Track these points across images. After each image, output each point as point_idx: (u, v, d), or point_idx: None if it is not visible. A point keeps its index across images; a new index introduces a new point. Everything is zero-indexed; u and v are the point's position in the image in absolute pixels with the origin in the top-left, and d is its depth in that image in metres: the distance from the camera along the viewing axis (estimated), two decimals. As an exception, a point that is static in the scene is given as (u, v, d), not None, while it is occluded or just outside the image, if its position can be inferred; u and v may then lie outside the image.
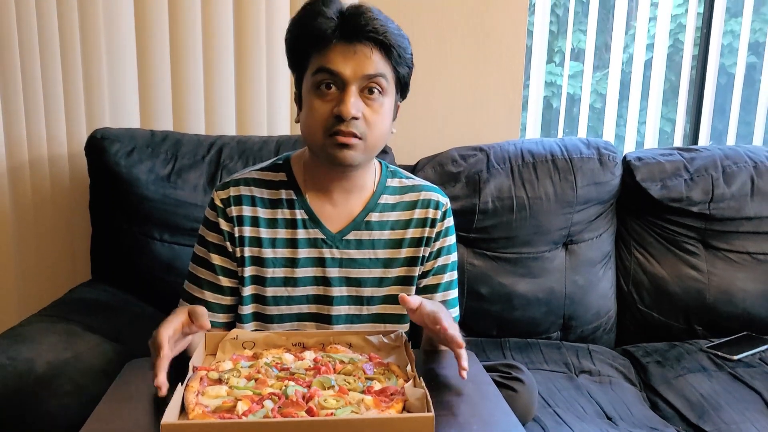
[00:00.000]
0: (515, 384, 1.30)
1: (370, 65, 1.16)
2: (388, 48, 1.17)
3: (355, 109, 1.15)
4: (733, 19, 3.08)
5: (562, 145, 1.95)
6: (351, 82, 1.16)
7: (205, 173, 1.78)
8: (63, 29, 1.86)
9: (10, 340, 1.40)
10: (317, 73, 1.17)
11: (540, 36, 2.44)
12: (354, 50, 1.15)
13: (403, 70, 1.21)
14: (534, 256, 1.90)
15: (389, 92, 1.20)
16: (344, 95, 1.15)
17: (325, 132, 1.17)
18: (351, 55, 1.15)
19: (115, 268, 1.82)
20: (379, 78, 1.17)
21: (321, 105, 1.17)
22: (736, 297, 1.93)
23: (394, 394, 0.94)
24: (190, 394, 0.93)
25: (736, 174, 1.96)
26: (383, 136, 1.22)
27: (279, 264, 1.28)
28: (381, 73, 1.17)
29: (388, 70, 1.19)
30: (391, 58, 1.18)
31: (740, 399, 1.57)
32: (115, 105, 1.94)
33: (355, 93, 1.16)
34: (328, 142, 1.18)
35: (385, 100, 1.20)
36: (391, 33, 1.17)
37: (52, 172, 1.93)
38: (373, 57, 1.16)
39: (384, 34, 1.16)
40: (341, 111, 1.15)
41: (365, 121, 1.17)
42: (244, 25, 1.95)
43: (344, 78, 1.15)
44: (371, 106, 1.18)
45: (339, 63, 1.15)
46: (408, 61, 1.22)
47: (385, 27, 1.16)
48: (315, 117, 1.18)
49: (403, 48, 1.19)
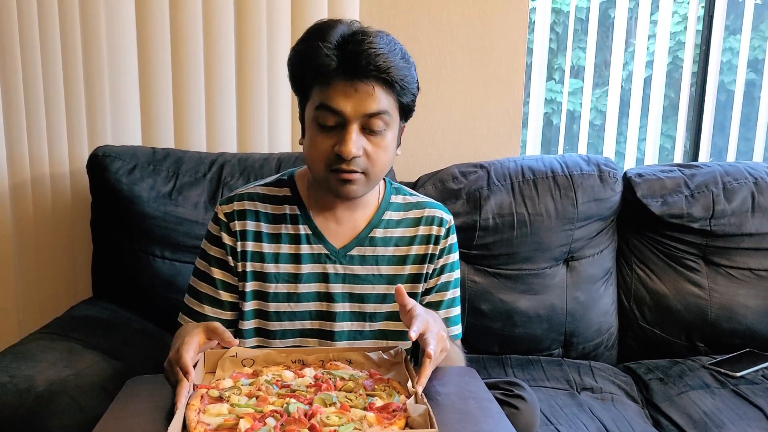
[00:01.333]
0: (517, 401, 1.29)
1: (372, 103, 1.13)
2: (391, 84, 1.14)
3: (356, 149, 1.14)
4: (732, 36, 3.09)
5: (563, 162, 1.96)
6: (352, 120, 1.14)
7: (207, 191, 1.78)
8: (65, 48, 1.87)
9: (11, 357, 1.40)
10: (318, 108, 1.15)
11: (540, 53, 2.46)
12: (355, 89, 1.12)
13: (407, 99, 1.19)
14: (535, 272, 1.90)
15: (392, 125, 1.19)
16: (345, 135, 1.14)
17: (327, 167, 1.17)
18: (352, 93, 1.13)
19: (116, 285, 1.82)
20: (381, 115, 1.15)
21: (323, 140, 1.16)
22: (738, 313, 1.93)
23: (396, 411, 0.94)
24: (192, 412, 0.93)
25: (737, 190, 1.96)
26: (386, 167, 1.22)
27: (282, 279, 1.28)
28: (383, 110, 1.15)
29: (391, 102, 1.16)
30: (394, 91, 1.15)
31: (743, 416, 1.56)
32: (117, 123, 1.95)
33: (357, 131, 1.15)
34: (330, 176, 1.18)
35: (387, 134, 1.18)
36: (395, 68, 1.13)
37: (53, 189, 1.94)
38: (375, 94, 1.13)
39: (387, 71, 1.12)
40: (342, 151, 1.14)
41: (367, 157, 1.17)
42: (246, 44, 1.97)
43: (345, 116, 1.14)
44: (373, 141, 1.17)
45: (340, 101, 1.13)
46: (412, 89, 1.19)
47: (387, 63, 1.12)
48: (317, 151, 1.17)
49: (407, 81, 1.16)
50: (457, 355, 1.30)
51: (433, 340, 1.05)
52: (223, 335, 1.07)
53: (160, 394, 1.03)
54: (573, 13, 2.83)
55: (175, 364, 1.02)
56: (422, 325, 1.05)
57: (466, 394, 1.06)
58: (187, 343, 1.04)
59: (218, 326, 1.08)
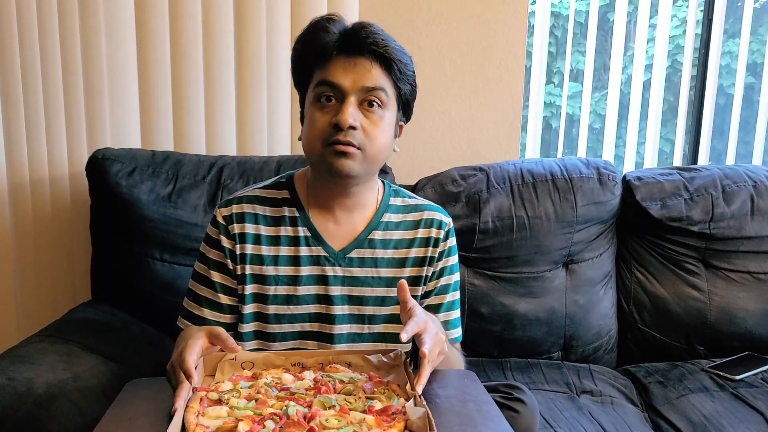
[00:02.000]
0: (516, 404, 1.29)
1: (370, 78, 1.18)
2: (389, 62, 1.19)
3: (352, 119, 1.16)
4: (731, 40, 3.10)
5: (562, 165, 1.96)
6: (350, 93, 1.17)
7: (206, 193, 1.78)
8: (65, 51, 1.88)
9: (10, 360, 1.39)
10: (318, 86, 1.19)
11: (539, 57, 2.46)
12: (354, 63, 1.18)
13: (405, 87, 1.23)
14: (534, 275, 1.90)
15: (389, 107, 1.21)
16: (343, 105, 1.17)
17: (324, 142, 1.18)
18: (351, 67, 1.18)
19: (116, 288, 1.82)
20: (378, 91, 1.19)
21: (320, 116, 1.19)
22: (738, 317, 1.93)
23: (396, 414, 0.94)
24: (191, 414, 0.93)
25: (736, 193, 1.96)
26: (383, 150, 1.23)
27: (281, 282, 1.28)
28: (380, 86, 1.19)
29: (389, 84, 1.20)
30: (392, 72, 1.20)
31: (742, 419, 1.56)
32: (116, 125, 1.95)
33: (354, 104, 1.18)
34: (326, 151, 1.18)
35: (385, 114, 1.21)
36: (392, 48, 1.19)
37: (53, 192, 1.94)
38: (373, 70, 1.18)
39: (384, 48, 1.18)
40: (339, 120, 1.16)
41: (364, 132, 1.18)
42: (245, 47, 1.97)
43: (343, 89, 1.17)
44: (370, 118, 1.19)
45: (339, 75, 1.17)
46: (410, 78, 1.23)
47: (386, 42, 1.19)
48: (314, 128, 1.19)
49: (404, 63, 1.21)
50: (456, 358, 1.30)
51: (429, 340, 1.05)
52: (226, 341, 1.08)
53: (158, 397, 1.03)
54: (572, 16, 2.83)
55: (178, 367, 1.03)
56: (417, 326, 1.05)
57: (466, 397, 1.06)
58: (190, 347, 1.05)
59: (222, 332, 1.09)
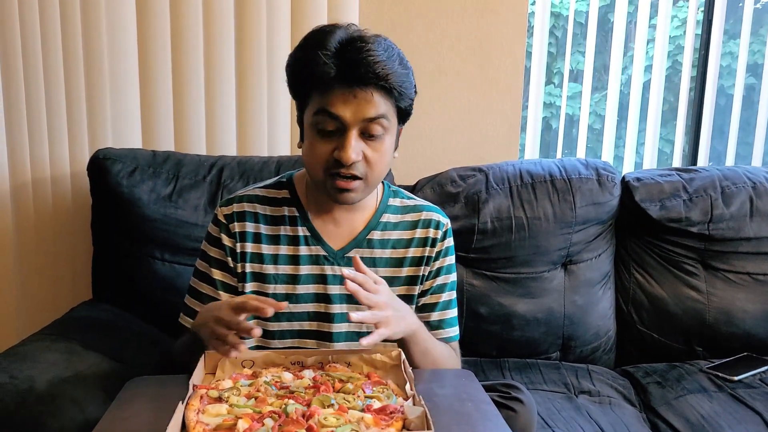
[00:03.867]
0: (514, 404, 1.29)
1: (371, 109, 1.14)
2: (389, 90, 1.15)
3: (355, 154, 1.15)
4: (731, 41, 3.11)
5: (561, 166, 1.96)
6: (351, 125, 1.15)
7: (206, 193, 1.79)
8: (66, 51, 1.88)
9: (12, 358, 1.40)
10: (317, 114, 1.16)
11: (539, 57, 2.46)
12: (354, 94, 1.13)
13: (405, 103, 1.20)
14: (533, 276, 1.91)
15: (391, 129, 1.20)
16: (344, 140, 1.15)
17: (325, 171, 1.18)
18: (351, 99, 1.13)
19: (116, 287, 1.82)
20: (380, 119, 1.16)
21: (321, 145, 1.17)
22: (736, 317, 1.93)
23: (394, 413, 0.94)
24: (191, 412, 0.94)
25: (735, 194, 1.97)
26: (384, 171, 1.23)
27: (281, 280, 1.29)
28: (382, 114, 1.16)
29: (390, 108, 1.18)
30: (393, 96, 1.16)
31: (741, 420, 1.57)
32: (118, 125, 1.96)
33: (356, 136, 1.16)
34: (329, 182, 1.19)
35: (386, 138, 1.19)
36: (393, 74, 1.13)
37: (54, 191, 1.94)
38: (374, 100, 1.14)
39: (385, 78, 1.13)
40: (341, 157, 1.15)
41: (366, 162, 1.18)
42: (246, 47, 1.98)
43: (345, 122, 1.14)
44: (372, 146, 1.18)
45: (339, 107, 1.14)
46: (410, 94, 1.20)
47: (386, 70, 1.12)
48: (316, 156, 1.18)
49: (405, 86, 1.17)
50: (448, 355, 1.32)
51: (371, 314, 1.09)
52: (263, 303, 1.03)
53: (159, 395, 1.04)
54: (572, 17, 2.83)
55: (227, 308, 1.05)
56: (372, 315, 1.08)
57: (464, 397, 1.07)
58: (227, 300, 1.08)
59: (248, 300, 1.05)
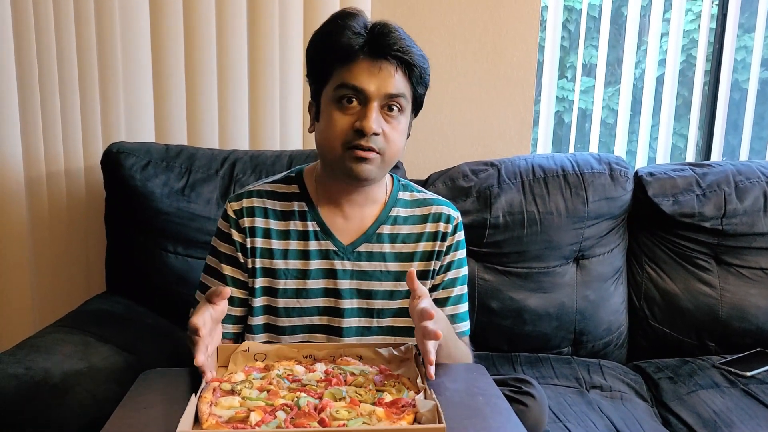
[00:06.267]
0: (526, 398, 1.29)
1: (393, 84, 1.18)
2: (412, 68, 1.19)
3: (376, 125, 1.17)
4: (746, 35, 3.08)
5: (574, 161, 1.96)
6: (374, 98, 1.18)
7: (219, 187, 1.80)
8: (80, 46, 1.89)
9: (27, 350, 1.42)
10: (340, 87, 1.19)
11: (551, 51, 2.45)
12: (379, 67, 1.17)
13: (421, 90, 1.24)
14: (545, 271, 1.90)
15: (407, 111, 1.23)
16: (367, 111, 1.17)
17: (344, 145, 1.19)
18: (376, 72, 1.17)
19: (130, 280, 1.84)
20: (399, 98, 1.20)
21: (341, 118, 1.19)
22: (749, 313, 1.92)
23: (405, 406, 0.95)
24: (204, 404, 0.94)
25: (749, 189, 1.95)
26: (399, 152, 1.24)
27: (291, 275, 1.29)
28: (402, 92, 1.20)
29: (408, 89, 1.21)
30: (413, 78, 1.21)
31: (753, 415, 1.56)
32: (131, 120, 1.97)
33: (377, 109, 1.18)
34: (346, 155, 1.19)
35: (402, 118, 1.22)
36: (416, 54, 1.20)
37: (68, 185, 1.96)
38: (396, 76, 1.18)
39: (409, 54, 1.19)
40: (363, 126, 1.16)
41: (384, 137, 1.19)
42: (258, 42, 1.98)
43: (368, 94, 1.17)
44: (390, 123, 1.20)
45: (364, 80, 1.17)
46: (426, 81, 1.25)
47: (410, 48, 1.19)
48: (335, 129, 1.19)
49: (425, 69, 1.22)
50: (462, 352, 1.31)
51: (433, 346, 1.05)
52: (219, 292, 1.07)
53: (172, 387, 1.05)
54: (585, 10, 2.82)
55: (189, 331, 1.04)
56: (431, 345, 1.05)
57: (475, 391, 1.07)
58: (195, 313, 1.07)
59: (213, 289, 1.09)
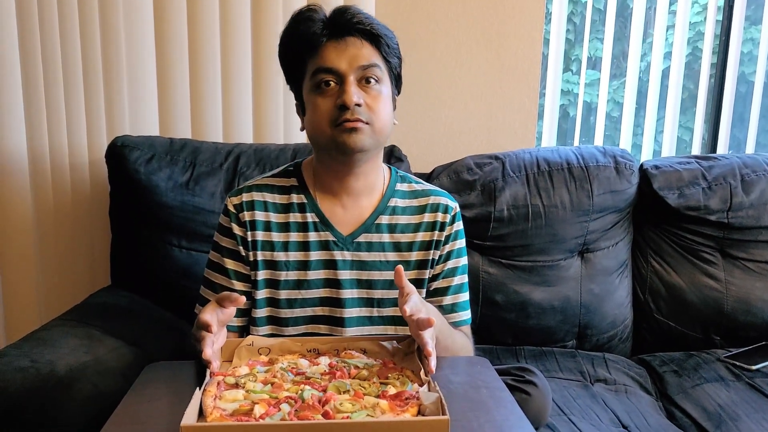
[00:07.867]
0: (528, 387, 1.30)
1: (362, 56, 1.22)
2: (377, 38, 1.24)
3: (356, 97, 1.20)
4: (753, 27, 3.05)
5: (579, 154, 1.95)
6: (348, 74, 1.21)
7: (223, 180, 1.80)
8: (84, 40, 1.89)
9: (32, 343, 1.42)
10: (315, 74, 1.23)
11: (556, 44, 2.44)
12: (345, 44, 1.22)
13: (394, 61, 1.28)
14: (549, 264, 1.90)
15: (384, 81, 1.26)
16: (344, 86, 1.21)
17: (332, 123, 1.21)
18: (343, 48, 1.22)
19: (134, 273, 1.84)
20: (373, 68, 1.23)
21: (323, 101, 1.22)
22: (755, 306, 1.91)
23: (409, 399, 0.95)
24: (208, 398, 0.94)
25: (755, 182, 1.94)
26: (387, 123, 1.26)
27: (292, 267, 1.30)
28: (374, 63, 1.23)
29: (380, 60, 1.25)
30: (381, 48, 1.25)
31: (758, 409, 1.56)
32: (135, 113, 1.97)
33: (354, 83, 1.21)
34: (335, 131, 1.21)
35: (382, 88, 1.25)
36: (377, 25, 1.24)
37: (73, 179, 1.96)
38: (363, 49, 1.23)
39: (370, 25, 1.23)
40: (344, 100, 1.19)
41: (368, 108, 1.22)
42: (262, 35, 1.98)
43: (341, 72, 1.21)
44: (370, 93, 1.23)
45: (333, 59, 1.22)
46: (396, 51, 1.28)
47: (369, 20, 1.24)
48: (320, 113, 1.22)
49: (389, 38, 1.26)
50: (461, 342, 1.32)
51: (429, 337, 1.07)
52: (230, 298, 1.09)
53: (177, 380, 1.05)
54: (591, 3, 2.81)
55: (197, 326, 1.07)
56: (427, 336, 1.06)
57: (479, 383, 1.07)
58: (204, 311, 1.09)
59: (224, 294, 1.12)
